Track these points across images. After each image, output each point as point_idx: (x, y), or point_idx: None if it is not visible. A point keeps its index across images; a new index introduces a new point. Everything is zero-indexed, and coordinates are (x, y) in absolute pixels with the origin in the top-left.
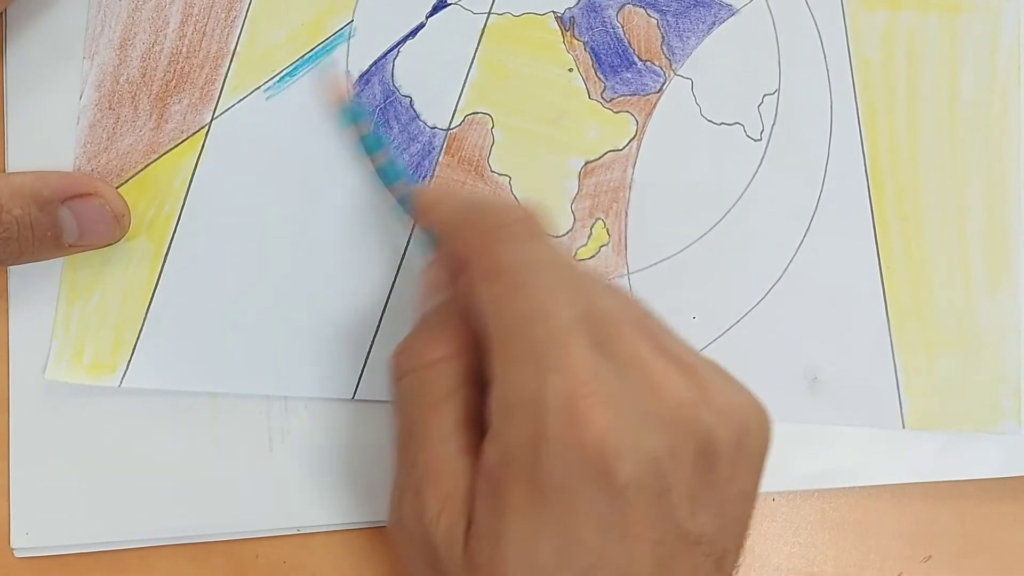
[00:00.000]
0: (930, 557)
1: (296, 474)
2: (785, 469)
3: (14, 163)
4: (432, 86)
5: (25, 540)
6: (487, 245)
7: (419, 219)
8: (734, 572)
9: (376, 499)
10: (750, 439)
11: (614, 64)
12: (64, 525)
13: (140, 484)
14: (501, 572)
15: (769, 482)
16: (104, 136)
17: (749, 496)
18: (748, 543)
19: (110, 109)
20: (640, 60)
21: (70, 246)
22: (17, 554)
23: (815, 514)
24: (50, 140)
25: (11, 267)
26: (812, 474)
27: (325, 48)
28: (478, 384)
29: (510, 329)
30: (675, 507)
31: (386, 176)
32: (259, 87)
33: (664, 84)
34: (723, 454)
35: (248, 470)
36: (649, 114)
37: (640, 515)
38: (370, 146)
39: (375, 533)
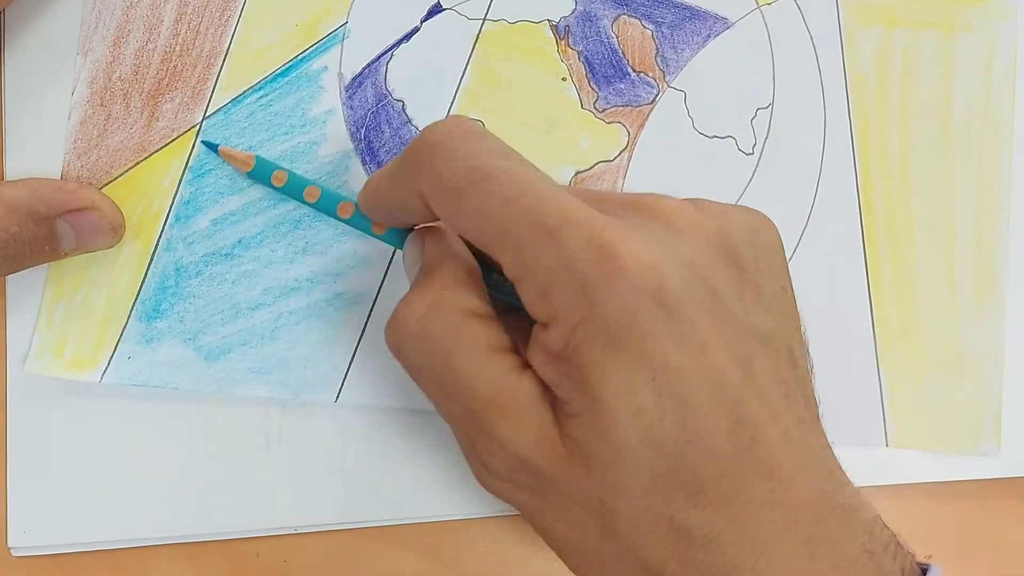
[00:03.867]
0: (930, 557)
1: (294, 473)
2: None
3: (11, 158)
4: (425, 91)
5: (22, 539)
6: (437, 170)
7: (367, 206)
8: (811, 372)
9: (375, 498)
10: (760, 235)
11: (607, 74)
12: (62, 524)
13: (138, 483)
14: (612, 433)
15: None
16: (95, 133)
17: (786, 290)
18: None
19: (102, 106)
20: (634, 71)
21: (65, 254)
22: (14, 553)
23: None
24: (45, 136)
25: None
26: None
27: (319, 49)
28: (490, 317)
29: (504, 222)
30: (729, 306)
31: (326, 205)
32: (251, 87)
33: (657, 96)
34: (743, 249)
35: (246, 469)
36: (641, 125)
37: (704, 320)
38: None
39: (374, 532)
